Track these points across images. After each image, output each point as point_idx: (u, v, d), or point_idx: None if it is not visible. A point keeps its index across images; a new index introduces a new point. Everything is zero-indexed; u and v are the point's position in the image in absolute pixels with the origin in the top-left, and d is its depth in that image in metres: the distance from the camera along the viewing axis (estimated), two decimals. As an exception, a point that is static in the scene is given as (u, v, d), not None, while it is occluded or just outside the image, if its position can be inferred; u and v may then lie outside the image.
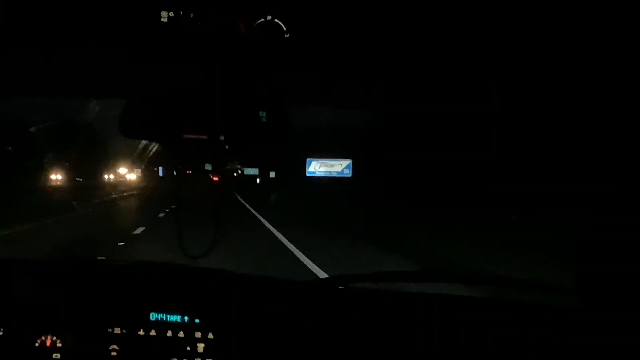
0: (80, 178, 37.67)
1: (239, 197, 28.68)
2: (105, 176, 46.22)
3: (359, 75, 2.08)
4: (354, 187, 27.46)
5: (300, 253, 10.08)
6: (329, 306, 1.54)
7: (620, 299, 1.36)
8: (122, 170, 49.28)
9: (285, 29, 1.51)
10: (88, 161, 39.06)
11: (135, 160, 47.97)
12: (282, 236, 12.83)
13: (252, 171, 40.53)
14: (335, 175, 28.53)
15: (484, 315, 1.45)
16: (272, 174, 38.15)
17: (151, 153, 43.37)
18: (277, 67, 1.60)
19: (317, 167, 28.49)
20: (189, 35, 1.52)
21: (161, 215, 16.41)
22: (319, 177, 28.43)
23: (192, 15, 1.50)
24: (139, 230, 12.69)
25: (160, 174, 46.86)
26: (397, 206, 19.17)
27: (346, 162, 27.97)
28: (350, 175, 27.81)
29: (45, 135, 31.98)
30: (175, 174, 2.10)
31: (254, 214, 19.85)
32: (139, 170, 50.47)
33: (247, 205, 24.07)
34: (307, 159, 27.86)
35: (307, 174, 28.26)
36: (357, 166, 27.42)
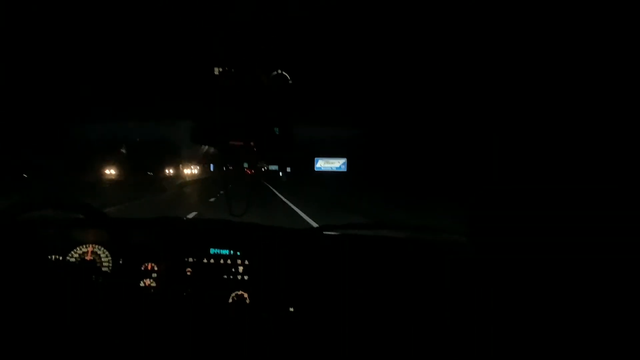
0: (150, 172, 36.11)
1: (264, 182, 30.38)
2: (167, 171, 43.77)
3: (340, 105, 2.21)
4: (347, 178, 27.76)
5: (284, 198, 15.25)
6: (317, 244, 1.69)
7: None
8: (187, 169, 49.05)
9: (289, 77, 1.65)
10: (153, 160, 37.91)
11: (195, 160, 48.54)
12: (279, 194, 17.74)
13: (274, 167, 41.72)
14: (335, 169, 28.81)
15: (404, 247, 1.64)
16: (288, 169, 39.18)
17: (204, 154, 44.30)
18: (284, 100, 1.68)
19: (322, 164, 28.77)
20: (232, 82, 1.65)
21: (222, 192, 17.03)
22: (323, 171, 28.84)
23: (233, 70, 1.65)
24: (212, 199, 14.84)
25: (211, 169, 47.86)
26: (366, 187, 19.51)
27: (343, 160, 28.24)
28: (345, 170, 28.10)
29: (134, 147, 35.00)
30: (224, 169, 2.23)
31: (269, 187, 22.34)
32: (197, 167, 50.75)
33: (267, 184, 27.16)
34: (315, 158, 28.18)
35: (316, 169, 28.65)
36: (350, 163, 27.79)
